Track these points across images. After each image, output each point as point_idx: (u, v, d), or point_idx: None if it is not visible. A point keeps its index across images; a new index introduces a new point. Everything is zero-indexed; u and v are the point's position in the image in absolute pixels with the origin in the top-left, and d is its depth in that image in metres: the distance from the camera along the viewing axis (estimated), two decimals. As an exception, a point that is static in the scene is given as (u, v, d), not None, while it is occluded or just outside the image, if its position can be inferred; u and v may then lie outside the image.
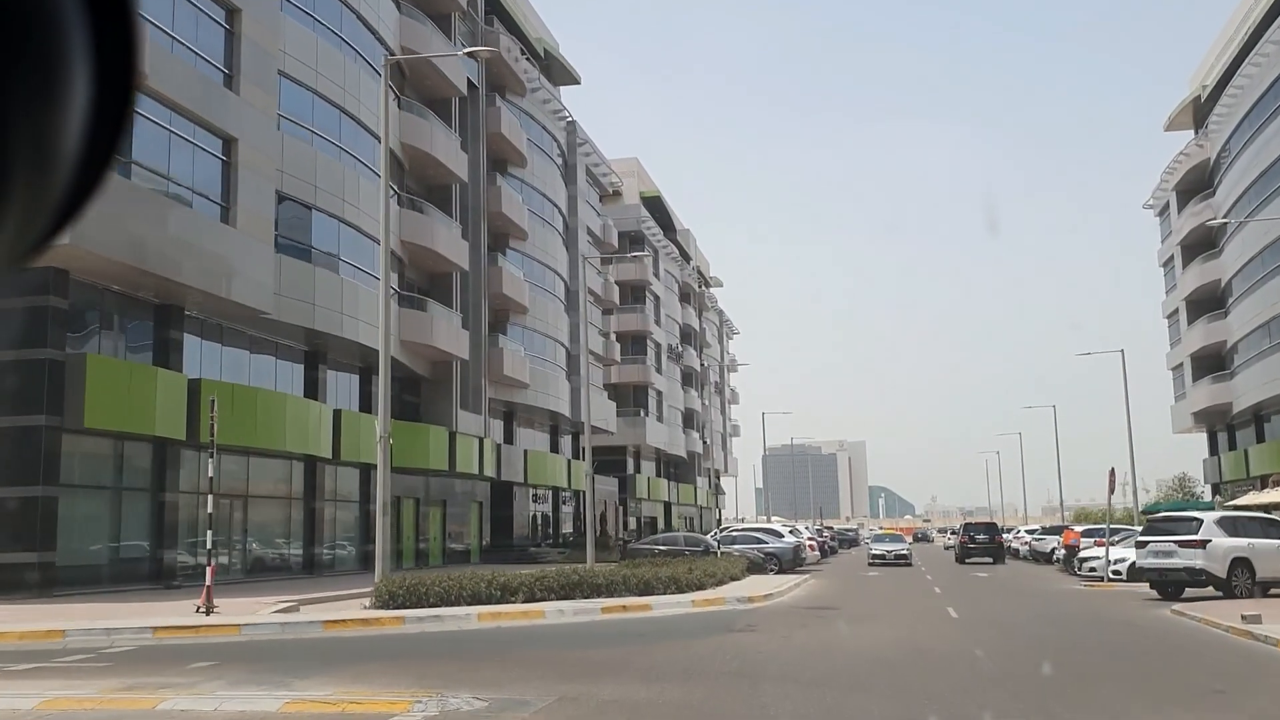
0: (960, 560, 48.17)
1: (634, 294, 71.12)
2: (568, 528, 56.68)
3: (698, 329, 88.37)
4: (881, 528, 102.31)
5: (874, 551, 42.27)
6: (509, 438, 49.75)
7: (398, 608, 18.44)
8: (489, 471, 43.61)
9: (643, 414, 69.95)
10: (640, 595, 21.73)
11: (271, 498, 31.33)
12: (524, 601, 19.45)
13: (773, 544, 35.90)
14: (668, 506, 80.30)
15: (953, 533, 60.72)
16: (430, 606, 18.55)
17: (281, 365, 31.61)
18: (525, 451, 49.98)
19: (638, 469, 72.67)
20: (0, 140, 0.64)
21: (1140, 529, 42.61)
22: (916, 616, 19.45)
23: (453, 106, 41.67)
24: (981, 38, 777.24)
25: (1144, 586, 26.44)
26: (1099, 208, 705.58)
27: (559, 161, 54.21)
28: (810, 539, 40.99)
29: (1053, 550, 44.56)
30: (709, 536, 36.26)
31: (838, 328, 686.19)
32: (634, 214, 70.53)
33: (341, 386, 35.00)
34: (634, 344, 71.22)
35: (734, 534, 37.49)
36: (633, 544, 37.54)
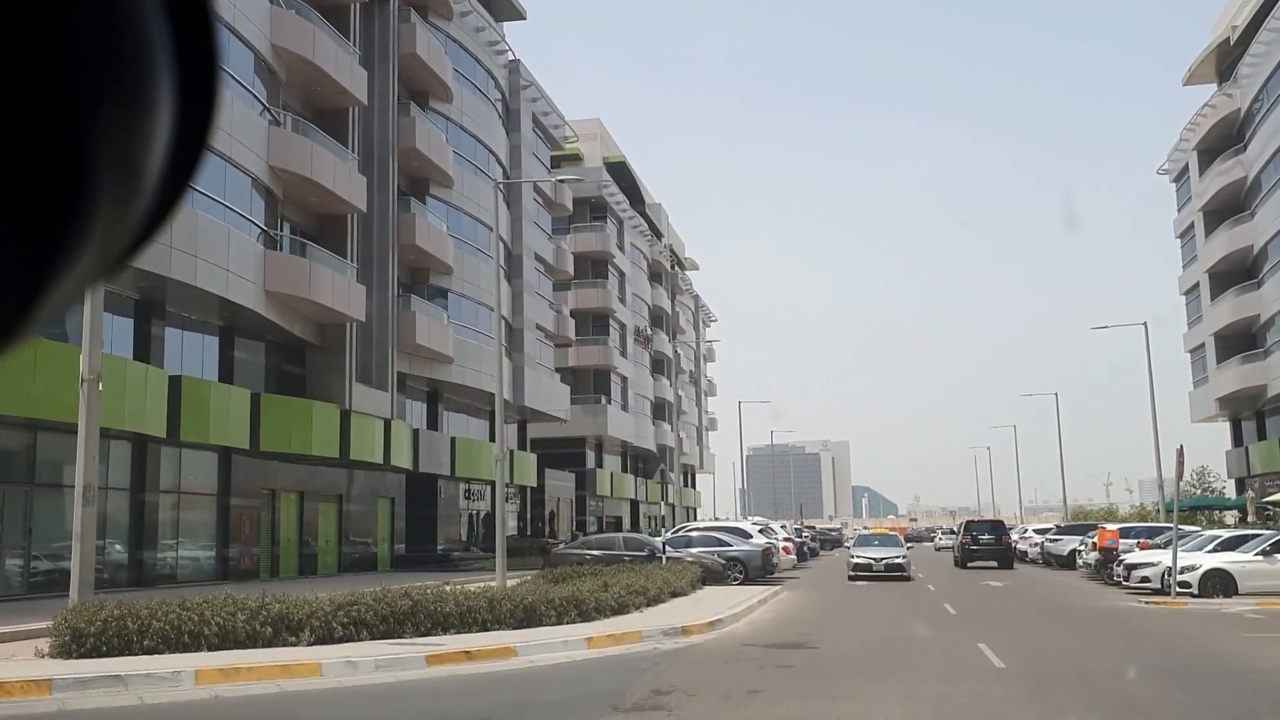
0: (961, 565, 41.09)
1: (595, 268, 63.91)
2: (512, 528, 49.31)
3: (670, 312, 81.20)
4: (866, 527, 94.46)
5: (856, 560, 30.72)
6: (434, 422, 42.41)
7: (87, 655, 11.15)
8: (401, 461, 36.26)
9: (604, 401, 62.68)
10: (518, 628, 14.51)
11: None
12: (311, 644, 12.17)
13: (737, 547, 28.70)
14: (634, 505, 73.07)
15: (949, 532, 53.39)
16: (141, 654, 11.25)
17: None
18: (453, 439, 42.64)
19: (599, 463, 65.39)
20: (90, 154, 0.64)
21: (1192, 528, 35.70)
22: (941, 667, 12.16)
23: (351, 14, 34.33)
24: (972, 35, 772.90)
25: (1225, 602, 19.46)
26: (1085, 208, 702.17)
27: (497, 104, 46.88)
28: (786, 540, 33.83)
29: (1072, 553, 37.52)
30: (658, 539, 29.02)
31: (822, 324, 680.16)
32: (595, 177, 63.24)
33: (191, 348, 27.63)
34: (595, 323, 63.98)
35: (691, 535, 30.28)
36: (557, 548, 30.24)
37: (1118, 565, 26.67)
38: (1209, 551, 23.02)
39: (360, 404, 33.25)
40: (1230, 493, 60.77)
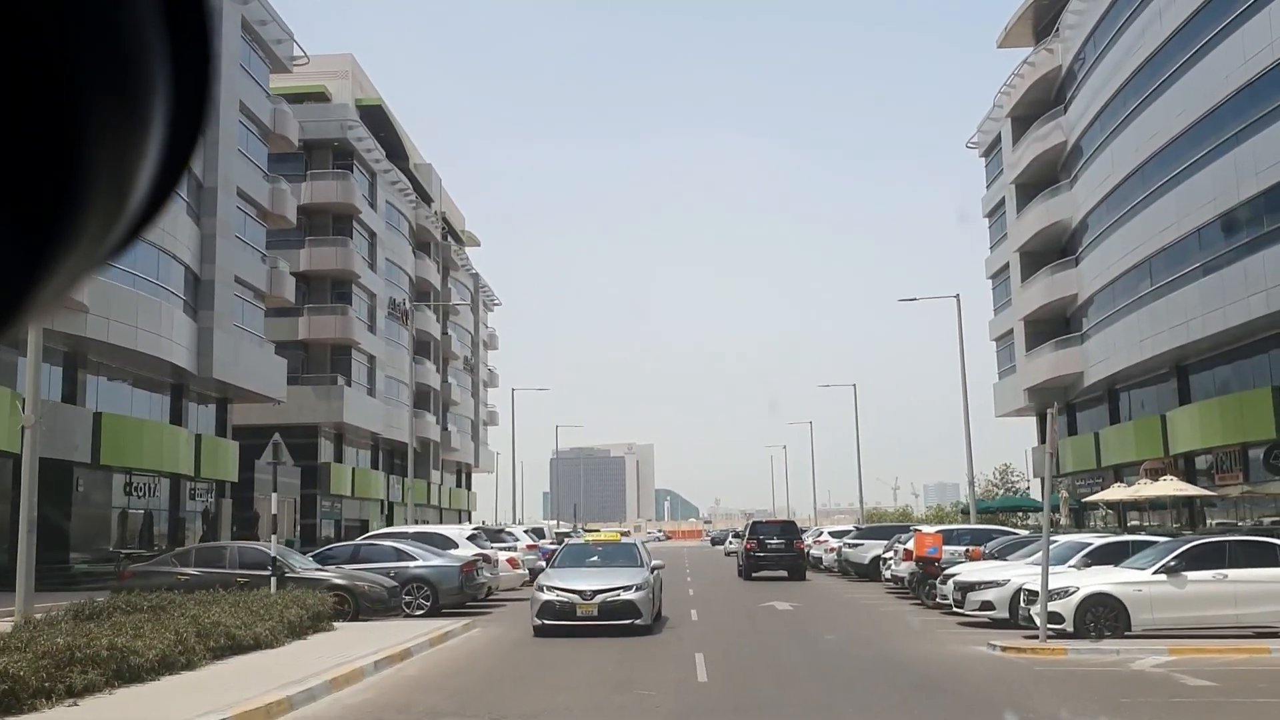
0: (747, 575, 33.70)
1: (337, 224, 53.96)
2: (196, 532, 39.01)
3: (439, 288, 71.78)
4: (584, 529, 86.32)
5: (550, 599, 17.08)
6: (72, 393, 32.00)
7: None
8: (-8, 440, 25.87)
9: (342, 382, 52.84)
10: None
11: None
12: None
13: (420, 563, 19.96)
14: (388, 506, 63.21)
15: (738, 535, 46.04)
16: None
17: None
18: (98, 416, 32.32)
19: (339, 456, 55.45)
20: (87, 151, 0.66)
21: (1020, 531, 29.19)
22: None
23: None
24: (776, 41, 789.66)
25: (1123, 646, 12.29)
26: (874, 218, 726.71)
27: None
28: (514, 550, 25.36)
29: (875, 561, 30.57)
30: (307, 554, 20.05)
31: (621, 327, 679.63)
32: (339, 115, 53.38)
33: None
34: (335, 289, 54.05)
35: (362, 547, 21.24)
36: (136, 566, 20.80)
37: (942, 582, 19.36)
38: (1080, 567, 15.80)
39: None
40: (1035, 492, 56.21)
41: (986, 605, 16.55)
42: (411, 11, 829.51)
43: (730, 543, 65.04)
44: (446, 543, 21.91)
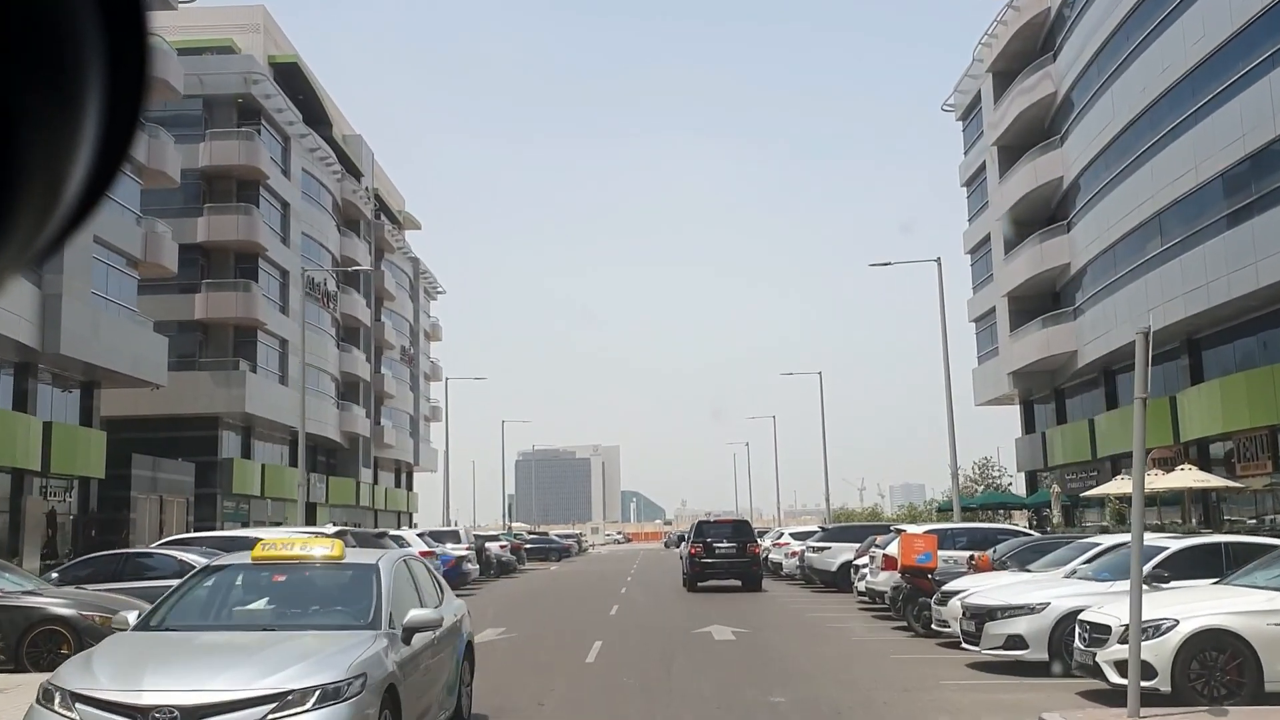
0: (691, 585, 28.22)
1: (241, 190, 47.96)
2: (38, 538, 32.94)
3: (369, 268, 65.71)
4: (481, 531, 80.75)
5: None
6: None
7: None
8: None
9: (245, 367, 46.87)
10: None
11: None
12: None
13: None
14: (310, 508, 57.01)
15: (678, 538, 40.48)
16: None
17: None
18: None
19: (246, 451, 49.51)
20: (16, 148, 0.66)
21: (1028, 532, 23.60)
22: None
23: None
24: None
25: None
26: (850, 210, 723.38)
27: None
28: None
29: (845, 568, 25.26)
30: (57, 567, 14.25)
31: (580, 328, 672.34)
32: (241, 67, 47.38)
33: None
34: (240, 264, 48.07)
35: (132, 558, 15.47)
36: None
37: (940, 602, 13.93)
38: (1152, 581, 10.34)
39: None
40: (1019, 489, 51.15)
41: (1015, 641, 11.13)
42: (370, 10, 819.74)
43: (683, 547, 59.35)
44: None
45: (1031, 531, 20.87)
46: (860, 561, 22.31)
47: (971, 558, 15.00)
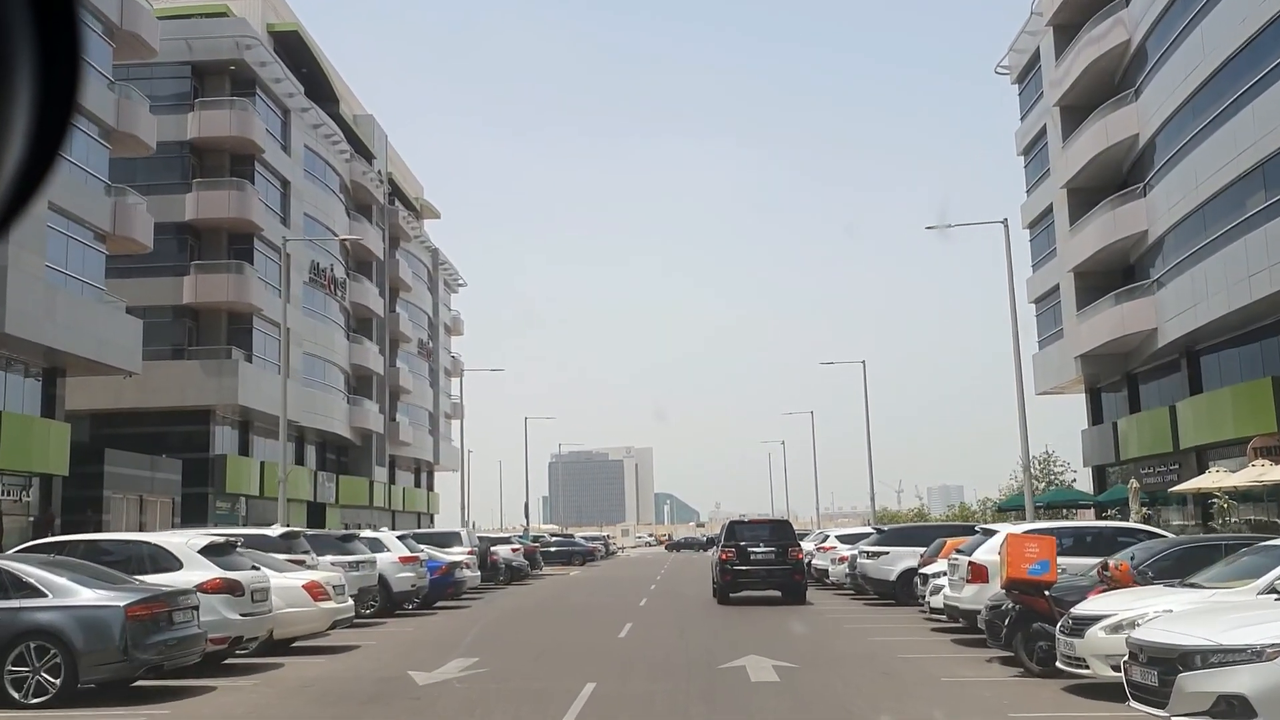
0: (723, 597, 24.05)
1: (236, 166, 44.32)
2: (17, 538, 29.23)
3: (381, 258, 62.06)
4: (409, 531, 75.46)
5: None
6: None
7: None
8: None
9: (238, 356, 43.21)
10: None
11: None
12: None
13: (50, 601, 10.23)
14: (319, 509, 53.35)
15: (679, 543, 36.06)
16: None
17: None
18: None
19: (244, 448, 45.88)
20: None
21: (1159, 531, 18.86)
22: None
23: None
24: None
25: None
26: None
27: None
28: (331, 570, 15.71)
29: (907, 577, 21.12)
30: None
31: (627, 323, 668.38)
32: (233, 31, 43.73)
33: None
34: (233, 245, 44.41)
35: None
36: None
37: (1071, 633, 9.75)
38: None
39: None
40: (1085, 485, 46.50)
41: (1234, 707, 6.97)
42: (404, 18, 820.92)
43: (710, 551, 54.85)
44: (167, 558, 12.31)
45: (1162, 531, 16.62)
46: (930, 570, 18.09)
47: (1104, 566, 10.82)
